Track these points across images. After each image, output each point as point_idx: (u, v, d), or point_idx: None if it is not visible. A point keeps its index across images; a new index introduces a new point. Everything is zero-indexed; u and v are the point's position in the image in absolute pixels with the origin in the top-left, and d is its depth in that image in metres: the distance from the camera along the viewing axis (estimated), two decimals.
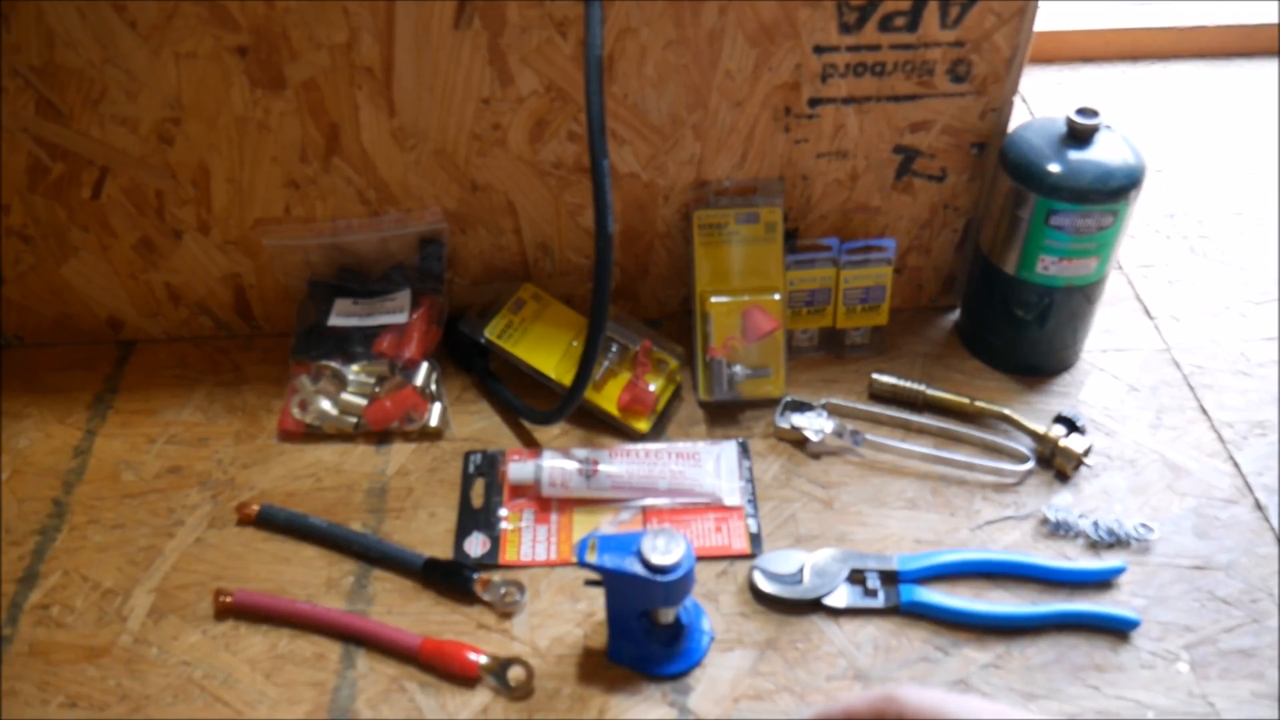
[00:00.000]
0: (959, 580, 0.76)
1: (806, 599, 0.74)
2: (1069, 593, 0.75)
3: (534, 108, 0.81)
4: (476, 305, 0.94)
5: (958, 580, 0.76)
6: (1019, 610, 0.73)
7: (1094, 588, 0.75)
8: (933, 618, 0.73)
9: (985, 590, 0.75)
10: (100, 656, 0.73)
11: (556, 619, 0.74)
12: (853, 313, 0.90)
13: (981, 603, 0.73)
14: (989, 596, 0.75)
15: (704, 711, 0.69)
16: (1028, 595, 0.75)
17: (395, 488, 0.83)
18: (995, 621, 0.73)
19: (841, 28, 0.78)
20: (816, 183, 0.87)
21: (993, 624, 0.73)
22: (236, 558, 0.78)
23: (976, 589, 0.75)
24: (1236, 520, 0.79)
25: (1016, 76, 0.82)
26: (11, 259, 0.89)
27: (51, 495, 0.83)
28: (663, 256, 0.92)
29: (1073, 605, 0.73)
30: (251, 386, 0.91)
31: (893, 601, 0.74)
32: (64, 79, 0.78)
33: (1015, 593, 0.75)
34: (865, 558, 0.76)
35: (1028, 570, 0.75)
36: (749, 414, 0.88)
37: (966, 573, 0.76)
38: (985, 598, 0.74)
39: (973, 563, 0.76)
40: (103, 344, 0.95)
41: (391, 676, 0.71)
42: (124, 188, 0.84)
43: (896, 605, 0.73)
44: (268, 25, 0.75)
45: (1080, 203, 0.79)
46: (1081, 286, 0.85)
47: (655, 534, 0.65)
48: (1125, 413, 0.87)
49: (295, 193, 0.85)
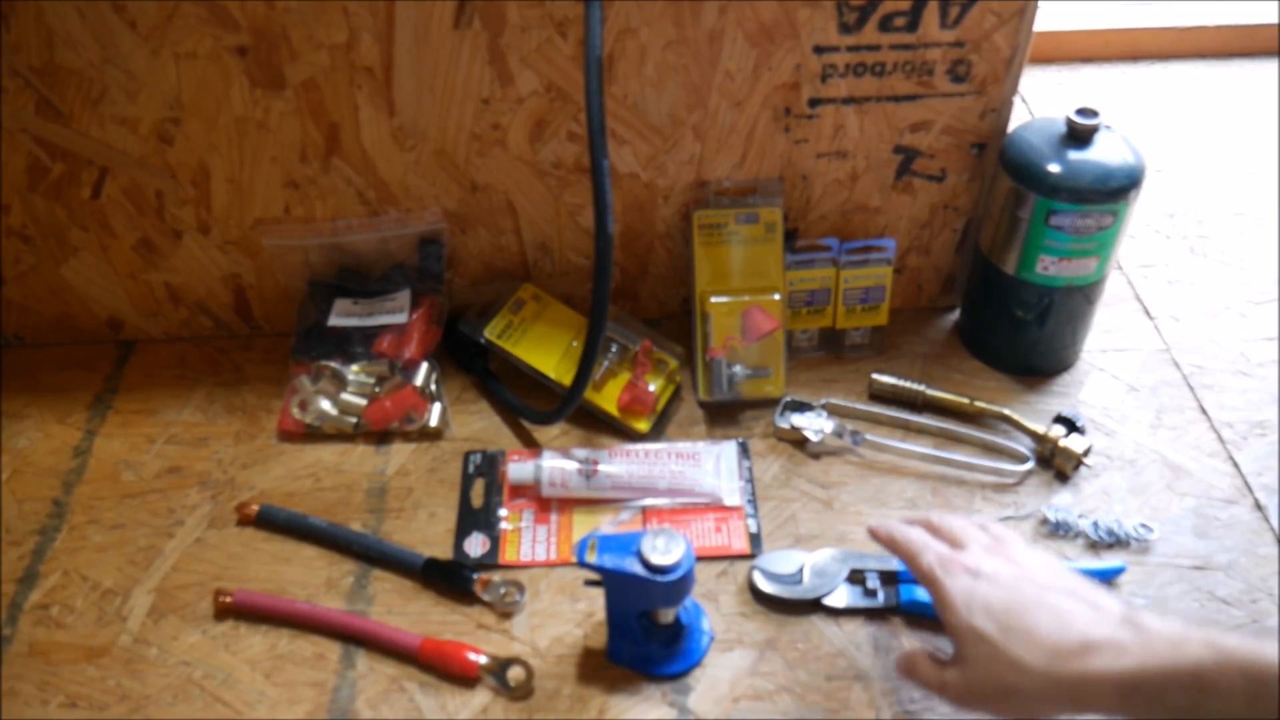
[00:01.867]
0: None
1: (806, 599, 0.74)
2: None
3: (534, 108, 0.81)
4: (476, 305, 0.94)
5: None
6: None
7: None
8: (933, 617, 0.73)
9: None
10: (100, 656, 0.73)
11: (556, 619, 0.74)
12: (853, 313, 0.90)
13: None
14: None
15: (704, 711, 0.69)
16: None
17: (395, 488, 0.83)
18: None
19: (841, 28, 0.78)
20: (816, 183, 0.87)
21: None
22: (236, 558, 0.78)
23: None
24: (1236, 520, 0.79)
25: (1016, 76, 0.82)
26: (11, 259, 0.89)
27: (51, 495, 0.83)
28: (663, 256, 0.92)
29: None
30: (251, 386, 0.91)
31: (892, 601, 0.74)
32: (64, 79, 0.78)
33: None
34: (865, 558, 0.76)
35: None
36: (749, 414, 0.88)
37: None
38: None
39: None
40: (103, 344, 0.95)
41: (391, 676, 0.71)
42: (124, 188, 0.84)
43: (896, 605, 0.73)
44: (268, 25, 0.75)
45: (1080, 203, 0.79)
46: (1081, 286, 0.85)
47: (655, 534, 0.66)
48: (1125, 413, 0.87)
49: (295, 193, 0.85)
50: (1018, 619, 0.56)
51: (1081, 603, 0.56)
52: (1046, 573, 0.59)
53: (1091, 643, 0.53)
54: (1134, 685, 0.52)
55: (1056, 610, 0.56)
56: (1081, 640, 0.54)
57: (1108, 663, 0.53)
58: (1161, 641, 0.52)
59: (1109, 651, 0.53)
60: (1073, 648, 0.54)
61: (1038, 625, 0.55)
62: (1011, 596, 0.57)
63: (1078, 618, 0.55)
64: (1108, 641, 0.53)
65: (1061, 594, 0.57)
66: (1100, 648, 0.53)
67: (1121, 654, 0.52)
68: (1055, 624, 0.55)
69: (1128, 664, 0.52)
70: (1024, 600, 0.57)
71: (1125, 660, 0.52)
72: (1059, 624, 0.55)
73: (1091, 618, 0.55)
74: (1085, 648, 0.53)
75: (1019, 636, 0.55)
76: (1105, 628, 0.54)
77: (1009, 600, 0.57)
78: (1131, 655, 0.52)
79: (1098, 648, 0.53)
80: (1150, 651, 0.52)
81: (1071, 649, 0.54)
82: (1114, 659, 0.52)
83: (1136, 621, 0.54)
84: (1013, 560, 0.60)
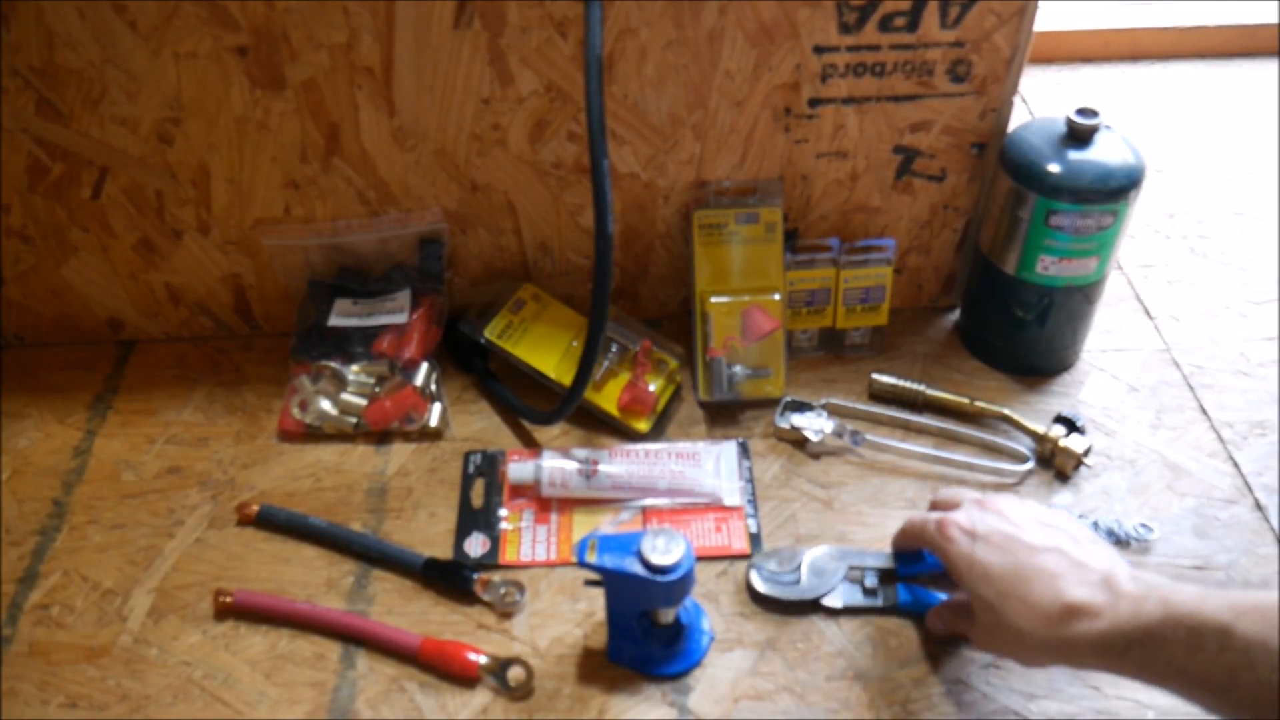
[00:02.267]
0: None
1: (804, 599, 0.74)
2: None
3: (534, 108, 0.81)
4: (476, 305, 0.94)
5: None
6: None
7: None
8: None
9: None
10: (100, 656, 0.73)
11: (556, 619, 0.74)
12: (853, 313, 0.90)
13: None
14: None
15: (704, 711, 0.69)
16: None
17: (395, 488, 0.83)
18: None
19: (841, 28, 0.78)
20: (816, 183, 0.87)
21: None
22: (236, 558, 0.78)
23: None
24: (1236, 520, 0.79)
25: (1016, 76, 0.82)
26: (11, 259, 0.89)
27: (51, 495, 0.83)
28: (663, 256, 0.92)
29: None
30: (251, 386, 0.91)
31: (891, 600, 0.74)
32: (64, 79, 0.78)
33: None
34: (863, 555, 0.75)
35: None
36: (749, 414, 0.88)
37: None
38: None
39: None
40: (103, 344, 0.95)
41: (391, 676, 0.71)
42: (124, 188, 0.84)
43: (895, 604, 0.73)
44: (268, 25, 0.75)
45: (1080, 203, 0.79)
46: (1081, 286, 0.85)
47: (655, 534, 0.66)
48: (1125, 413, 0.87)
49: (295, 193, 0.85)
50: (1012, 587, 0.61)
51: (1067, 561, 0.61)
52: (1035, 530, 0.64)
53: (1072, 607, 0.59)
54: (1106, 645, 0.57)
55: (1046, 574, 0.61)
56: (1065, 606, 0.59)
57: (1085, 627, 0.58)
58: (1127, 602, 0.58)
59: (1086, 616, 0.58)
60: (1059, 613, 0.59)
61: (1030, 594, 0.61)
62: (1006, 561, 0.63)
63: (1064, 580, 0.60)
64: (1086, 606, 0.58)
65: (1048, 554, 0.62)
66: (1080, 612, 0.59)
67: (1096, 618, 0.58)
68: (1045, 591, 0.60)
69: (1101, 627, 0.58)
70: (1017, 567, 0.62)
71: (1099, 624, 0.58)
72: (1048, 590, 0.60)
73: (1075, 578, 0.60)
74: (1068, 612, 0.59)
75: (1015, 604, 0.61)
76: (1085, 589, 0.59)
77: (1004, 567, 0.62)
78: (1104, 619, 0.58)
79: (1078, 612, 0.59)
80: (1117, 614, 0.57)
81: (1058, 615, 0.59)
82: (1090, 624, 0.58)
83: (1112, 583, 0.59)
84: (1002, 515, 0.66)
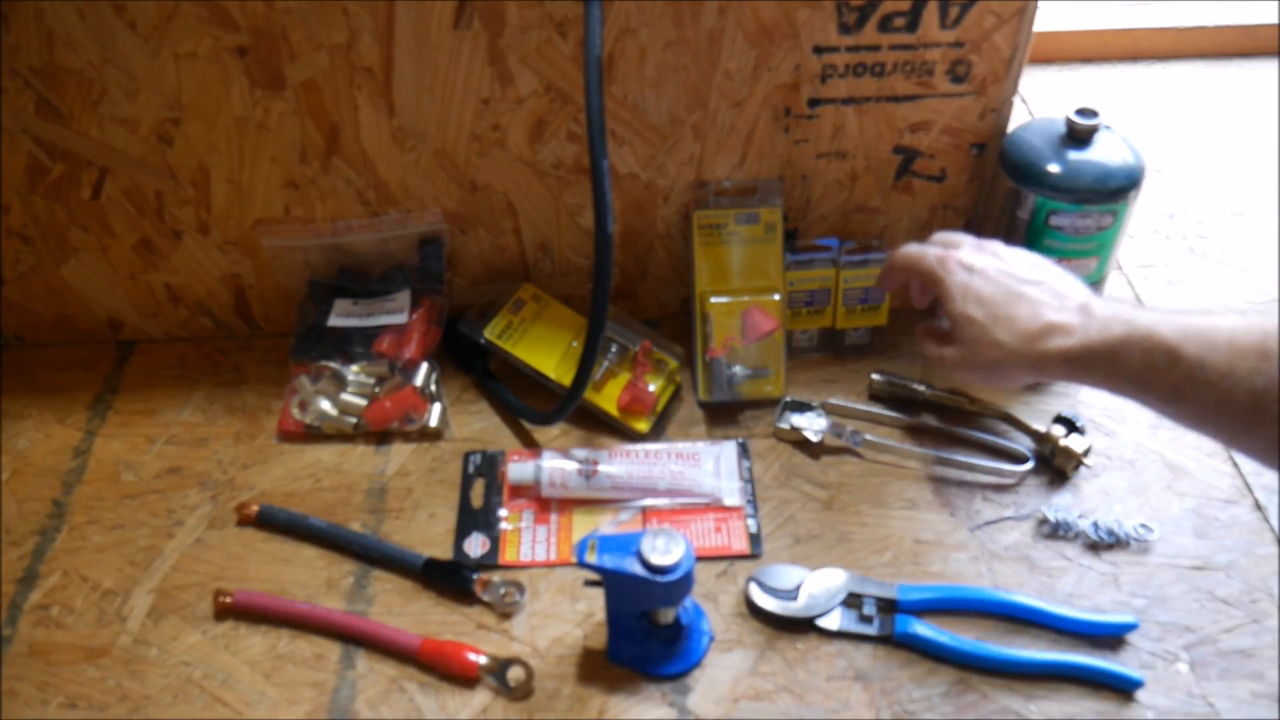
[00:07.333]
0: (961, 616, 0.73)
1: (801, 617, 0.73)
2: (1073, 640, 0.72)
3: (534, 108, 0.81)
4: (476, 305, 0.94)
5: (960, 616, 0.73)
6: (1017, 655, 0.70)
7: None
8: (928, 653, 0.71)
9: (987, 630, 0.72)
10: (100, 657, 0.73)
11: (556, 619, 0.74)
12: (852, 313, 0.90)
13: (979, 644, 0.71)
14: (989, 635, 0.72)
15: (704, 712, 0.69)
16: (1030, 634, 0.72)
17: (395, 488, 0.83)
18: (992, 663, 0.70)
19: (841, 28, 0.78)
20: (816, 183, 0.87)
21: (989, 665, 0.70)
22: (236, 558, 0.78)
23: (979, 628, 0.73)
24: (1236, 520, 0.79)
25: (1016, 77, 0.82)
26: (11, 259, 0.89)
27: (51, 495, 0.83)
28: (662, 256, 0.92)
29: (1074, 657, 0.70)
30: (251, 387, 0.91)
31: (887, 630, 0.72)
32: (64, 79, 0.78)
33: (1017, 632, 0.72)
34: (866, 582, 0.74)
35: (1035, 616, 0.72)
36: (749, 414, 0.88)
37: (970, 609, 0.73)
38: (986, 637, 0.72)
39: (979, 600, 0.73)
40: (103, 344, 0.95)
41: (391, 677, 0.71)
42: (124, 188, 0.84)
43: (890, 634, 0.72)
44: (267, 26, 0.75)
45: (1080, 203, 0.79)
46: None
47: (655, 534, 0.65)
48: (1125, 413, 0.87)
49: (295, 193, 0.85)
50: (1001, 309, 0.69)
51: (1050, 293, 0.69)
52: (1025, 267, 0.71)
53: (1051, 325, 0.67)
54: (1075, 359, 0.66)
55: (1031, 301, 0.68)
56: (1045, 324, 0.67)
57: (1059, 342, 0.66)
58: (1097, 323, 0.65)
59: (1061, 333, 0.66)
60: (1039, 330, 0.67)
61: (1017, 314, 0.68)
62: (997, 289, 0.70)
63: (1046, 306, 0.68)
64: (1063, 325, 0.66)
65: (1035, 286, 0.69)
66: (1056, 330, 0.66)
67: (1069, 335, 0.66)
68: (1029, 313, 0.68)
69: (1072, 343, 0.66)
70: (1007, 293, 0.69)
71: (1071, 340, 0.66)
72: (1032, 313, 0.68)
73: (1057, 305, 0.68)
74: (1046, 330, 0.67)
75: (1002, 323, 0.68)
76: (1064, 314, 0.67)
77: (995, 292, 0.70)
78: (1075, 336, 0.66)
79: (1055, 330, 0.66)
80: (1088, 332, 0.65)
81: (1038, 331, 0.67)
82: (1064, 339, 0.66)
83: (1089, 307, 0.67)
84: (998, 256, 0.72)
